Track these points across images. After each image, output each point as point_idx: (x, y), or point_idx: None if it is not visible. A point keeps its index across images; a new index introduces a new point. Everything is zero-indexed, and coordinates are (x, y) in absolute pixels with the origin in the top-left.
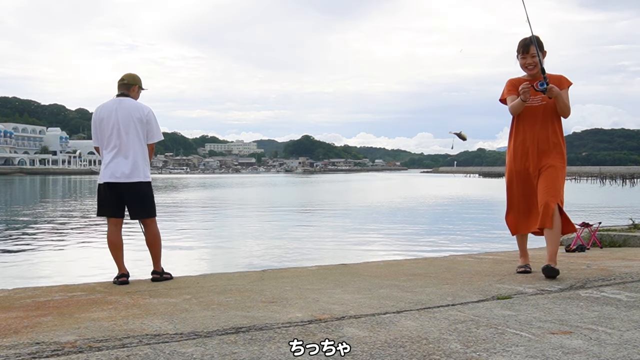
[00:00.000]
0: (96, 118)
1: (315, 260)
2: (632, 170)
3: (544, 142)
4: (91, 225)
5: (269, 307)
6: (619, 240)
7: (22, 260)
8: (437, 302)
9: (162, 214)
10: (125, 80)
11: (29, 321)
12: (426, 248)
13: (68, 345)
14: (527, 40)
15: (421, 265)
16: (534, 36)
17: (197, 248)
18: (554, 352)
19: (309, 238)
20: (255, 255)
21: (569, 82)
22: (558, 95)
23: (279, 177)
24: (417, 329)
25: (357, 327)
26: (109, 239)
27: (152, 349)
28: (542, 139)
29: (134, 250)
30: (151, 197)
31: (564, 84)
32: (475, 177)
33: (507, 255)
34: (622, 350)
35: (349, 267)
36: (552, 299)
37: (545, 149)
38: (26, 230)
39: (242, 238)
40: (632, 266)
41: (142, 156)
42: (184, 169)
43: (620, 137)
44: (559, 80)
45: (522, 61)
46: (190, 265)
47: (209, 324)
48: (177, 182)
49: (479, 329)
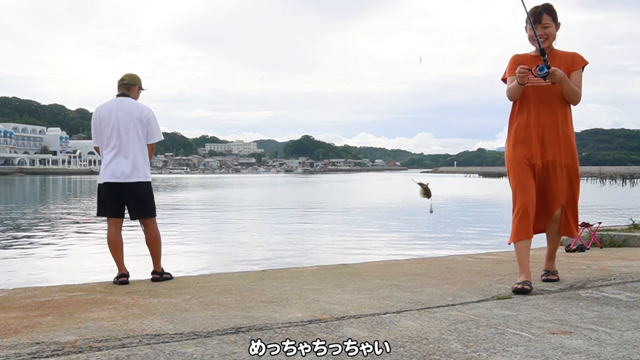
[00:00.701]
0: (96, 118)
1: (315, 260)
2: (632, 170)
3: (551, 130)
4: (91, 225)
5: (269, 307)
6: (619, 240)
7: (22, 260)
8: (437, 302)
9: (162, 214)
10: (125, 80)
11: (29, 321)
12: (426, 248)
13: (68, 345)
14: (539, 7)
15: (421, 265)
16: (548, 4)
17: (197, 248)
18: (554, 352)
19: (309, 238)
20: (255, 255)
21: (584, 60)
22: (563, 80)
23: (279, 177)
24: (417, 329)
25: (357, 327)
26: (109, 239)
27: (152, 349)
28: (550, 126)
29: (134, 250)
30: (151, 197)
31: (577, 63)
32: (475, 177)
33: (507, 255)
34: (622, 350)
35: (349, 267)
36: (552, 299)
37: (553, 139)
38: (26, 230)
39: (242, 238)
40: (632, 266)
41: (142, 156)
42: (184, 169)
43: (620, 137)
44: (571, 59)
45: (531, 32)
46: (190, 265)
47: (209, 324)
48: (177, 182)
49: (479, 329)
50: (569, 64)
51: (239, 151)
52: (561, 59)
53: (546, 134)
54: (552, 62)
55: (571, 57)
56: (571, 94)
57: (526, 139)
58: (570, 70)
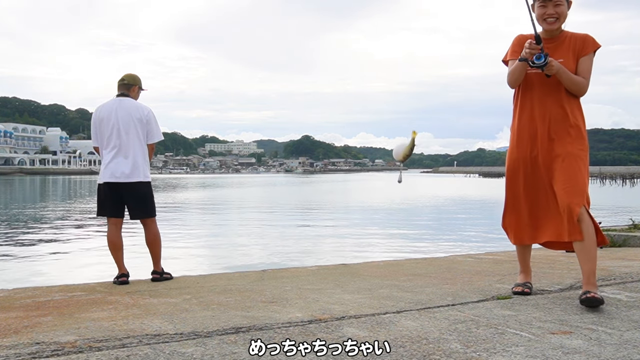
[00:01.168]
0: (96, 118)
1: (315, 260)
2: (632, 170)
3: (558, 122)
4: (91, 225)
5: (269, 307)
6: (619, 240)
7: (22, 260)
8: (437, 302)
9: (162, 214)
10: (125, 80)
11: (29, 321)
12: (426, 248)
13: (68, 345)
14: None
15: (421, 265)
16: None
17: (197, 248)
18: (554, 352)
19: (309, 238)
20: (255, 255)
21: (596, 44)
22: (560, 72)
23: (279, 177)
24: (417, 329)
25: (357, 327)
26: (109, 239)
27: (152, 349)
28: (557, 117)
29: (134, 250)
30: (151, 197)
31: (588, 47)
32: (475, 177)
33: (507, 255)
34: (622, 350)
35: (349, 267)
36: (552, 299)
37: (560, 131)
38: (26, 230)
39: (242, 238)
40: (632, 266)
41: (142, 156)
42: (184, 169)
43: (620, 137)
44: (582, 42)
45: (540, 11)
46: (190, 265)
47: (209, 324)
48: (177, 182)
49: (479, 329)
50: (579, 48)
51: (239, 151)
52: (570, 42)
53: (552, 126)
54: (561, 45)
55: (582, 40)
56: (572, 85)
57: (531, 134)
58: (580, 55)
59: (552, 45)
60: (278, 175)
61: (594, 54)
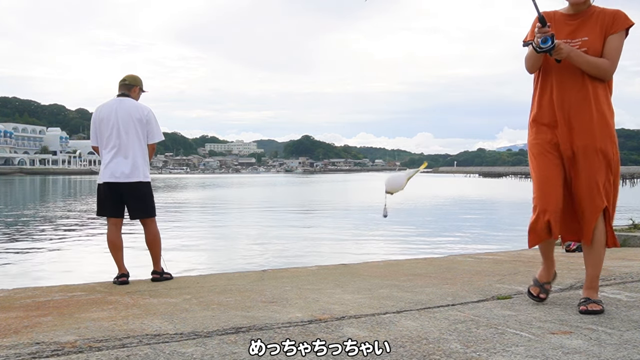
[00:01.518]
0: (96, 118)
1: (315, 260)
2: (632, 170)
3: (581, 109)
4: (91, 225)
5: (269, 307)
6: (618, 240)
7: (22, 260)
8: (437, 302)
9: (162, 214)
10: (126, 80)
11: (29, 321)
12: (426, 248)
13: (68, 345)
14: None
15: (421, 265)
16: None
17: (197, 248)
18: (554, 352)
19: (309, 238)
20: (255, 255)
21: (628, 21)
22: (572, 56)
23: (279, 177)
24: (417, 329)
25: (357, 327)
26: (109, 239)
27: (152, 349)
28: (578, 104)
29: (134, 250)
30: (151, 197)
31: (617, 25)
32: (475, 177)
33: (507, 255)
34: (622, 350)
35: (349, 267)
36: (552, 299)
37: (583, 121)
38: (26, 230)
39: (242, 238)
40: (632, 266)
41: (142, 156)
42: (184, 169)
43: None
44: (611, 19)
45: None
46: (190, 265)
47: (209, 324)
48: (177, 182)
49: (479, 329)
50: (608, 25)
51: (239, 151)
52: (598, 18)
53: (574, 115)
54: (587, 22)
55: (611, 15)
56: (591, 69)
57: (550, 122)
58: (608, 32)
59: (577, 22)
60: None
61: (625, 32)
